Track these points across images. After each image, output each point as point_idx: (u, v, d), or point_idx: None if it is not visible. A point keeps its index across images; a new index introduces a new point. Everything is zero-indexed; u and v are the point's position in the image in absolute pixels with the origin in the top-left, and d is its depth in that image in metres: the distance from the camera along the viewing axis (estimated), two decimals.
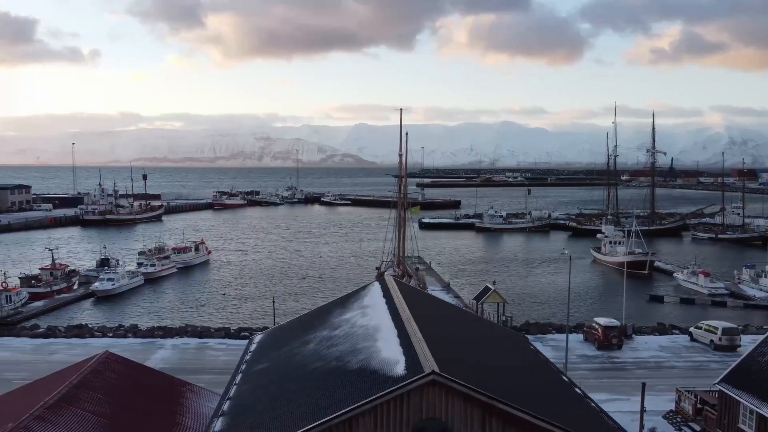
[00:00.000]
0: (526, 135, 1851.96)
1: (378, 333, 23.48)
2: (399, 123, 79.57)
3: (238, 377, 25.95)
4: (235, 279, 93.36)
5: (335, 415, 17.62)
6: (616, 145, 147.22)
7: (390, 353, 20.54)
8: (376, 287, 30.91)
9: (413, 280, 75.54)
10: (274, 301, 51.25)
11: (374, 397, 17.69)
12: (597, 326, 54.20)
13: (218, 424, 21.26)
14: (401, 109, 79.37)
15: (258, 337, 31.99)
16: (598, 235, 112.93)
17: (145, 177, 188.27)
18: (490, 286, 61.80)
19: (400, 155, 79.27)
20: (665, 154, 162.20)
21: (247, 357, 28.85)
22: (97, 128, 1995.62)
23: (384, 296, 28.50)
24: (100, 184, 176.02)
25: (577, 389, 24.71)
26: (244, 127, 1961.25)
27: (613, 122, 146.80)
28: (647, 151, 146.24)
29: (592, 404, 23.31)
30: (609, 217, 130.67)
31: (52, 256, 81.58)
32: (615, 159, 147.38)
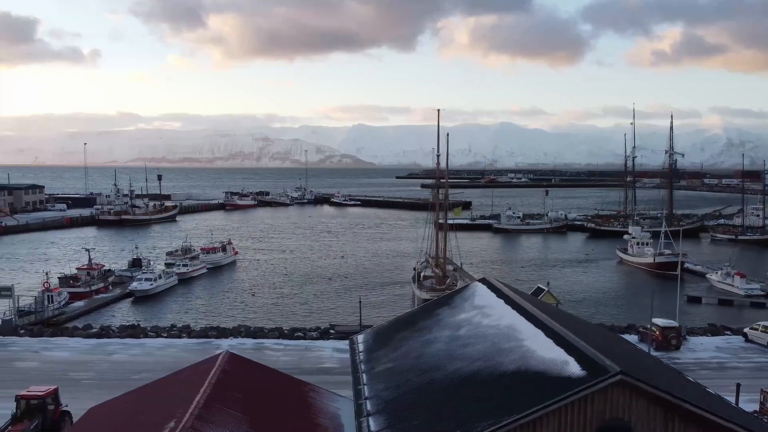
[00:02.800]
0: (524, 136, 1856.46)
1: (517, 333, 23.39)
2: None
3: (364, 377, 25.85)
4: (265, 279, 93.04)
5: (521, 415, 17.54)
6: (634, 146, 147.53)
7: (549, 353, 20.45)
8: (481, 287, 30.85)
9: (450, 280, 75.53)
10: (360, 302, 50.91)
11: (561, 397, 17.61)
12: (655, 327, 54.14)
13: (372, 423, 21.15)
14: (438, 110, 79.40)
15: (360, 337, 31.89)
16: (625, 236, 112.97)
17: (160, 177, 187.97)
18: (542, 287, 61.73)
19: (438, 156, 79.35)
20: (683, 155, 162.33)
21: (360, 357, 28.75)
22: (96, 128, 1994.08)
23: (499, 296, 28.44)
24: (115, 185, 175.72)
25: (708, 389, 24.69)
26: (242, 127, 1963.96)
27: (631, 123, 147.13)
28: (665, 153, 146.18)
29: (732, 404, 23.30)
30: (635, 218, 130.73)
31: (89, 256, 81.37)
32: (634, 160, 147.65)
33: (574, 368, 18.80)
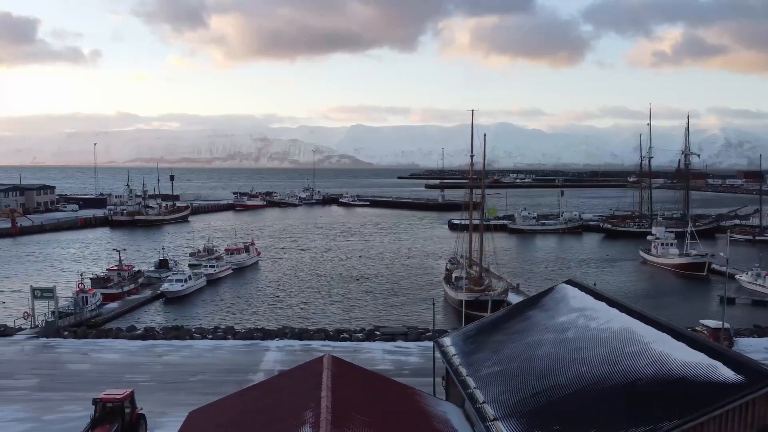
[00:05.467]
0: (522, 136, 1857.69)
1: (637, 336, 23.11)
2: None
3: (471, 381, 25.52)
4: (291, 279, 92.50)
5: (683, 420, 17.27)
6: (650, 147, 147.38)
7: (689, 357, 20.18)
8: (571, 289, 30.58)
9: (487, 281, 75.21)
10: (434, 304, 50.69)
11: (724, 402, 17.37)
12: (705, 329, 53.91)
13: (504, 429, 20.85)
14: (472, 110, 78.89)
15: (447, 340, 31.51)
16: (649, 237, 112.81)
17: (172, 178, 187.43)
18: None
19: (472, 156, 79.05)
20: (699, 156, 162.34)
21: (455, 360, 28.40)
22: (95, 128, 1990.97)
23: (598, 299, 28.16)
24: (128, 185, 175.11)
25: None
26: (241, 127, 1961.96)
27: (648, 124, 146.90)
28: (681, 153, 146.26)
29: None
30: (658, 218, 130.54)
31: (119, 257, 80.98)
32: (650, 161, 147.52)
33: (726, 373, 18.52)
